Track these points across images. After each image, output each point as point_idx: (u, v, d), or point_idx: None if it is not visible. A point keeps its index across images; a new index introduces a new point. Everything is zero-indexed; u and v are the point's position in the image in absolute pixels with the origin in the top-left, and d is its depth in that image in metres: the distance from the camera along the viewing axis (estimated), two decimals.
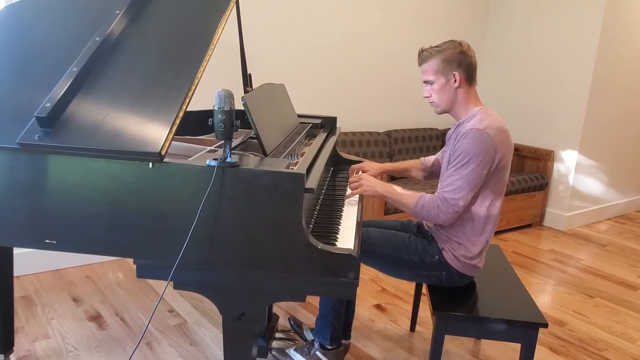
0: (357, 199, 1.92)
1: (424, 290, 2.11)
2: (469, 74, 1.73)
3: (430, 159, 2.06)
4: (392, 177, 3.58)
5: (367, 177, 1.82)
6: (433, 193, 1.71)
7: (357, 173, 2.06)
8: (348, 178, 2.16)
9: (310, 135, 2.21)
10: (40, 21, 1.69)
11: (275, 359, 2.05)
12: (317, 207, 1.75)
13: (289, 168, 1.30)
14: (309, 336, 2.17)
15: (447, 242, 1.77)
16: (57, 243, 1.39)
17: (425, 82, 1.77)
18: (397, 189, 1.77)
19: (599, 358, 2.29)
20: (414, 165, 2.08)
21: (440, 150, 1.99)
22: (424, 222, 1.92)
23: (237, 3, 2.09)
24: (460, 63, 1.70)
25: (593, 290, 3.03)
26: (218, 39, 1.53)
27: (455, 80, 1.71)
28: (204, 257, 1.31)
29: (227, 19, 1.59)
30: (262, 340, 1.96)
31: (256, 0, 3.18)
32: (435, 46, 1.73)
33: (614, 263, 3.50)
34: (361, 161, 2.38)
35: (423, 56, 1.75)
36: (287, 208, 1.27)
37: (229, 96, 1.29)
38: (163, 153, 1.28)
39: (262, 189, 1.26)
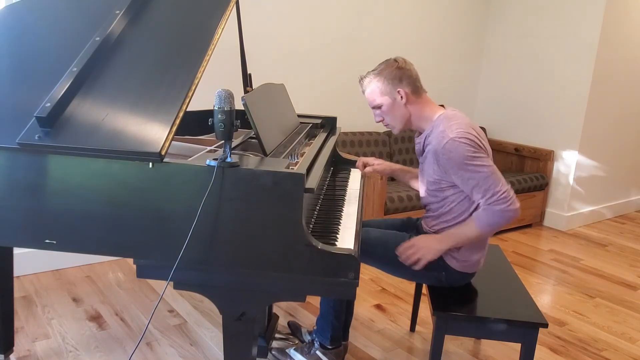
0: (358, 196, 1.91)
1: (424, 290, 2.11)
2: (414, 86, 1.72)
3: None
4: (392, 179, 3.57)
5: (417, 242, 1.71)
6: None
7: (362, 167, 2.07)
8: (348, 178, 2.15)
9: (310, 135, 2.21)
10: (40, 21, 1.68)
11: (275, 359, 2.05)
12: (317, 207, 1.75)
13: (289, 168, 1.30)
14: (307, 338, 2.16)
15: None
16: (57, 243, 1.39)
17: (373, 107, 1.77)
18: (451, 230, 1.71)
19: (599, 358, 2.29)
20: (416, 172, 2.07)
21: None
22: (422, 223, 1.91)
23: (237, 3, 2.09)
24: (401, 78, 1.70)
25: (593, 290, 3.03)
26: (218, 39, 1.53)
27: (401, 97, 1.71)
28: (204, 257, 1.31)
29: (227, 19, 1.59)
30: (262, 340, 1.96)
31: (256, 0, 3.18)
32: (373, 70, 1.75)
33: (614, 263, 3.50)
34: None
35: (364, 83, 1.76)
36: (287, 208, 1.27)
37: (229, 96, 1.29)
38: (163, 153, 1.28)
39: (262, 189, 1.26)
